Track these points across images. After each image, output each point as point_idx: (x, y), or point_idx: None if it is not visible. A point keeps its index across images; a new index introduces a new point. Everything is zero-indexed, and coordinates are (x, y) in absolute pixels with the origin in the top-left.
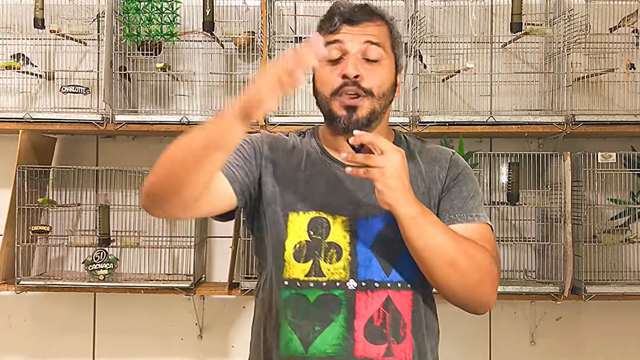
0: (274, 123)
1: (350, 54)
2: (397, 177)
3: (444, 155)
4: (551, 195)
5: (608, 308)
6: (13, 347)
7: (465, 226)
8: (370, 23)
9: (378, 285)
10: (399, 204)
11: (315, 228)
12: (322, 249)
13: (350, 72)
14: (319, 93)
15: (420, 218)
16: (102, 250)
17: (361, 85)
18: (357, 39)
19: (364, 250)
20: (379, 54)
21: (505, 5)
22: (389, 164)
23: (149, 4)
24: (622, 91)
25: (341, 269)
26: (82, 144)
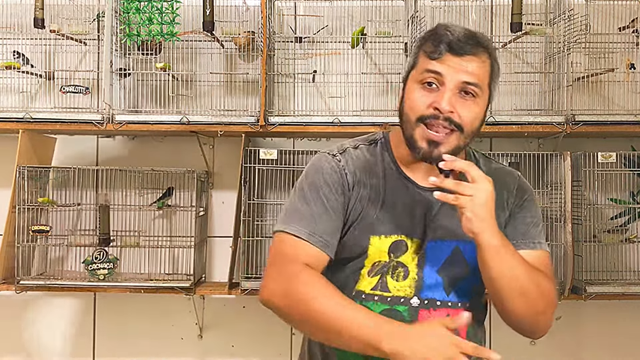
0: (273, 123)
1: (447, 87)
2: (486, 207)
3: (511, 180)
4: (551, 195)
5: (608, 308)
6: (13, 347)
7: (528, 253)
8: (474, 58)
9: (440, 304)
10: (485, 233)
11: (395, 250)
12: (391, 266)
13: (445, 108)
14: (405, 114)
15: (502, 248)
16: (102, 250)
17: (453, 120)
18: (458, 75)
19: (431, 272)
20: (475, 92)
21: (505, 5)
22: (479, 193)
23: (149, 4)
24: (622, 91)
25: (407, 287)
26: (82, 144)
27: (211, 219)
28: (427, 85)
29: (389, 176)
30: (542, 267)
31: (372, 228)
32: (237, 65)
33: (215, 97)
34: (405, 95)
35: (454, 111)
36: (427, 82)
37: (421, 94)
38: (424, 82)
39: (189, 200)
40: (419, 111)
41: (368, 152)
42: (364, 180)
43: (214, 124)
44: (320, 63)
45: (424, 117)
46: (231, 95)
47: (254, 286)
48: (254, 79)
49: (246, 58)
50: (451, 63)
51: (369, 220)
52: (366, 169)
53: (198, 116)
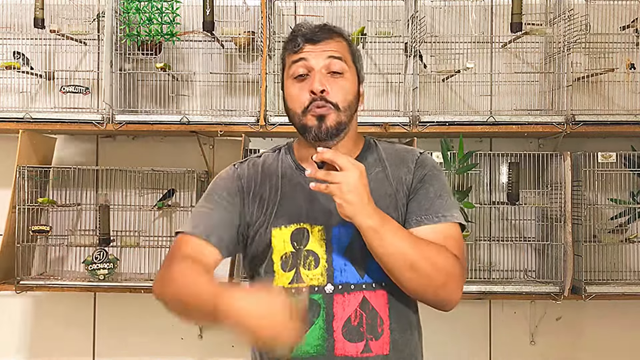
0: (273, 123)
1: (315, 70)
2: (355, 191)
3: (410, 157)
4: (551, 195)
5: (608, 308)
6: (13, 347)
7: (432, 227)
8: (330, 40)
9: (354, 287)
10: (358, 216)
11: (297, 238)
12: (302, 257)
13: (317, 88)
14: (290, 109)
15: (380, 227)
16: (102, 250)
17: (328, 100)
18: (320, 55)
19: (339, 256)
20: (341, 67)
21: (505, 5)
22: (347, 179)
23: (149, 4)
24: (622, 91)
25: (319, 275)
26: (82, 144)
27: None
28: (299, 77)
29: (288, 174)
30: (446, 241)
31: (273, 221)
32: (237, 65)
33: (215, 97)
34: (285, 94)
35: (325, 89)
36: (298, 74)
37: (297, 87)
38: (296, 76)
39: (189, 200)
40: (300, 101)
41: (270, 157)
42: (263, 182)
43: (214, 124)
44: None
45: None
46: (231, 95)
47: None
48: (254, 79)
49: (246, 58)
50: (312, 49)
51: (270, 215)
52: (264, 172)
53: (198, 116)
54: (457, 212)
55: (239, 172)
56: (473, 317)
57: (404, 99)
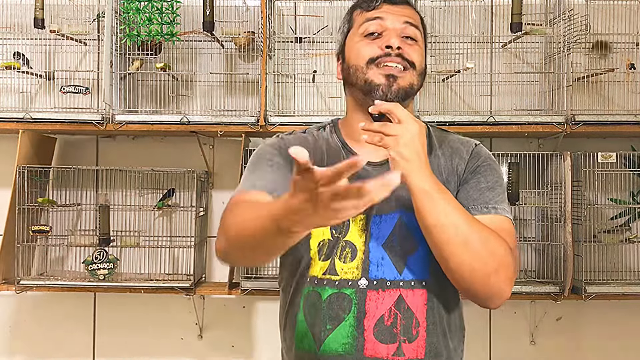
0: (274, 123)
1: (390, 29)
2: (412, 146)
3: (465, 147)
4: (551, 195)
5: (608, 308)
6: (13, 347)
7: (480, 218)
8: (408, 6)
9: (390, 284)
10: (413, 175)
11: (336, 226)
12: (339, 247)
13: (394, 43)
14: (352, 65)
15: (435, 193)
16: (102, 250)
17: (404, 57)
18: (398, 18)
19: (377, 249)
20: (416, 34)
21: (505, 5)
22: (404, 132)
23: (149, 4)
24: (622, 91)
25: (354, 268)
26: (82, 144)
27: (211, 219)
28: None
29: (333, 153)
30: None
31: None
32: (237, 65)
33: (215, 97)
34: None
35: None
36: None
37: (366, 44)
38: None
39: (189, 200)
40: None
41: (314, 135)
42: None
43: (214, 124)
44: (320, 63)
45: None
46: (231, 95)
47: (254, 286)
48: (254, 79)
49: (246, 58)
50: (390, 10)
51: None
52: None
53: (198, 116)
54: (509, 208)
55: (286, 141)
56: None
57: None
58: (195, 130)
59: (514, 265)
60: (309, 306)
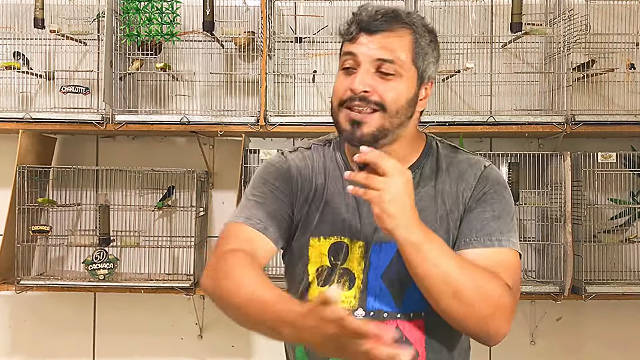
0: (274, 123)
1: (361, 67)
2: (397, 201)
3: (473, 171)
4: (551, 195)
5: (608, 308)
6: (13, 347)
7: (481, 252)
8: (390, 34)
9: (387, 316)
10: (398, 230)
11: (335, 253)
12: (336, 274)
13: (357, 88)
14: (332, 102)
15: (423, 244)
16: (102, 250)
17: (370, 100)
18: (370, 52)
19: (375, 279)
20: (393, 69)
21: (505, 5)
22: (389, 187)
23: (149, 4)
24: (622, 91)
25: (352, 298)
26: (82, 144)
27: (211, 219)
28: (346, 70)
29: (335, 175)
30: (498, 267)
31: (313, 229)
32: (237, 65)
33: (215, 97)
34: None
35: (369, 90)
36: (346, 66)
37: (341, 80)
38: (344, 68)
39: (189, 200)
40: (339, 94)
41: (319, 152)
42: (310, 180)
43: (214, 124)
44: (320, 63)
45: (343, 101)
46: (231, 95)
47: None
48: (254, 79)
49: (246, 58)
50: (364, 41)
51: (311, 221)
52: (314, 169)
53: (198, 116)
54: (516, 238)
55: (290, 162)
56: None
57: None
58: (195, 130)
59: (511, 303)
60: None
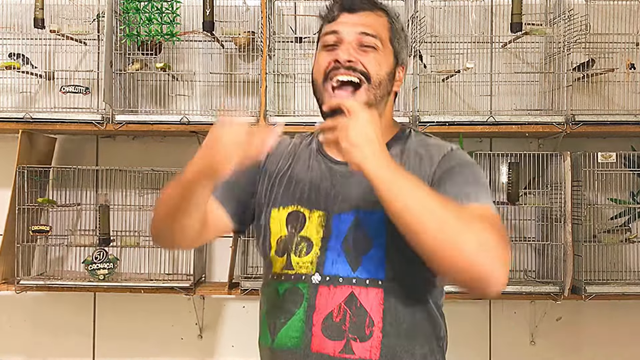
0: (273, 123)
1: (345, 41)
2: (363, 134)
3: (438, 150)
4: (551, 195)
5: (608, 308)
6: (13, 347)
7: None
8: (370, 13)
9: (342, 281)
10: (368, 163)
11: (292, 222)
12: (294, 242)
13: (342, 57)
14: (314, 80)
15: (397, 178)
16: (102, 250)
17: (355, 67)
18: (354, 28)
19: (334, 246)
20: (374, 43)
21: (505, 5)
22: (354, 123)
23: (149, 4)
24: (622, 91)
25: (308, 263)
26: (82, 144)
27: None
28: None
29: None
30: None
31: (274, 202)
32: (237, 65)
33: (215, 97)
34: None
35: (353, 60)
36: (327, 44)
37: (323, 56)
38: (325, 45)
39: None
40: (322, 69)
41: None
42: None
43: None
44: None
45: (327, 73)
46: (231, 95)
47: (254, 286)
48: (254, 79)
49: (246, 58)
50: (345, 19)
51: (274, 195)
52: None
53: (198, 116)
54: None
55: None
56: (473, 317)
57: (404, 99)
58: (195, 130)
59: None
60: (269, 301)
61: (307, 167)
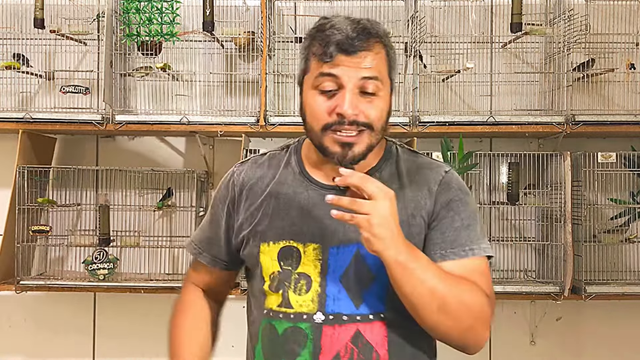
0: (273, 123)
1: (346, 89)
2: (386, 225)
3: (433, 176)
4: (551, 195)
5: (608, 308)
6: (13, 347)
7: (457, 263)
8: (368, 52)
9: (347, 319)
10: (388, 251)
11: (285, 258)
12: (292, 279)
13: (348, 112)
14: (308, 123)
15: (409, 263)
16: (102, 250)
17: (359, 122)
18: (355, 73)
19: (334, 281)
20: (376, 87)
21: (505, 5)
22: (377, 211)
23: (149, 4)
24: (622, 91)
25: (309, 301)
26: (82, 144)
27: None
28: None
29: (288, 180)
30: (475, 277)
31: (263, 235)
32: (237, 65)
33: (215, 97)
34: (304, 102)
35: (358, 113)
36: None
37: (321, 101)
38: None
39: (189, 200)
40: (322, 119)
41: (273, 158)
42: (257, 188)
43: (214, 124)
44: None
45: (329, 125)
46: (231, 95)
47: None
48: (254, 79)
49: (246, 58)
50: (345, 63)
51: (261, 228)
52: (263, 177)
53: (198, 116)
54: (486, 242)
55: (235, 177)
56: None
57: (404, 99)
58: (195, 130)
59: (490, 312)
60: (267, 339)
61: (293, 192)
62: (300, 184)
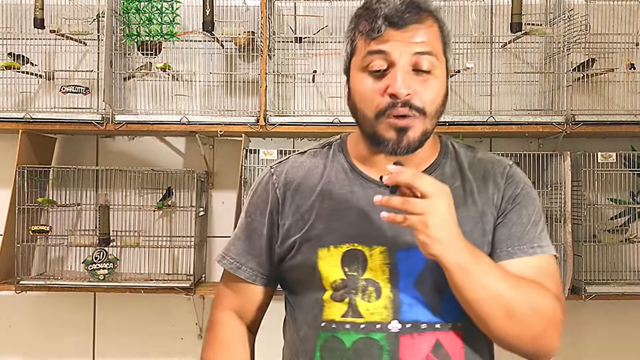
0: (273, 123)
1: (398, 66)
2: (443, 225)
3: (498, 170)
4: (551, 195)
5: (608, 308)
6: (13, 347)
7: (525, 261)
8: (420, 25)
9: (425, 327)
10: (446, 254)
11: (350, 264)
12: (359, 286)
13: (401, 92)
14: (359, 111)
15: (471, 266)
16: (102, 250)
17: (413, 104)
18: (406, 48)
19: (408, 286)
20: (431, 64)
21: (505, 5)
22: (432, 211)
23: (149, 4)
24: (622, 91)
25: (382, 308)
26: (82, 144)
27: (211, 219)
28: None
29: (340, 179)
30: (544, 277)
31: (320, 240)
32: (237, 65)
33: (215, 97)
34: (352, 88)
35: (412, 93)
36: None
37: (371, 83)
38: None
39: (189, 200)
40: (374, 103)
41: (316, 156)
42: (304, 189)
43: (214, 124)
44: (320, 63)
45: (383, 110)
46: (231, 95)
47: None
48: (254, 79)
49: (246, 58)
50: (395, 38)
51: (316, 231)
52: (307, 177)
53: (198, 116)
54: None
55: (275, 178)
56: None
57: None
58: (195, 130)
59: (561, 316)
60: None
61: (349, 192)
62: (354, 182)
